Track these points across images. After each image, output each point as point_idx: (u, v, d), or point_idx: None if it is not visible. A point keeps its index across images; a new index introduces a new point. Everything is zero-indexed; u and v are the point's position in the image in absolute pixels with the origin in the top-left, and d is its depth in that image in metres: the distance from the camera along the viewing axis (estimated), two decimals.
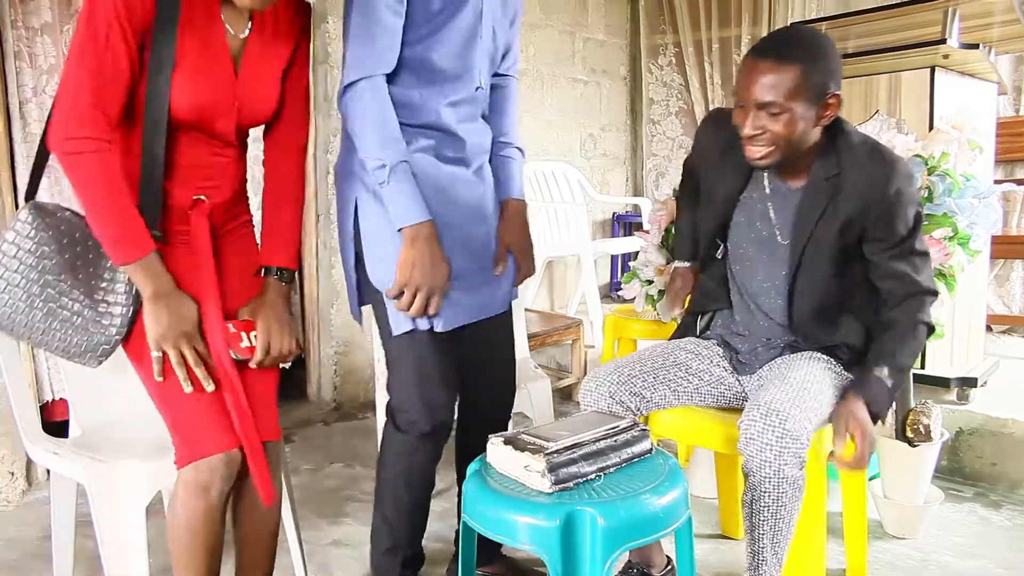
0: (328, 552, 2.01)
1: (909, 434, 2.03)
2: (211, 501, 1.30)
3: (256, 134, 1.51)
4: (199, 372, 1.28)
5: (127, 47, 1.21)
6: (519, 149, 1.70)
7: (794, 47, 1.45)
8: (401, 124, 1.44)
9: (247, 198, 1.51)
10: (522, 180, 1.70)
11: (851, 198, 1.50)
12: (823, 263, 1.56)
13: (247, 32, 1.36)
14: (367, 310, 1.63)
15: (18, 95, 2.35)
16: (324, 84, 3.11)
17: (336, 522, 2.17)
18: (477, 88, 1.55)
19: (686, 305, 1.87)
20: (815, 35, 1.50)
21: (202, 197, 1.36)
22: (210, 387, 1.29)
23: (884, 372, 1.49)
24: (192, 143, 1.33)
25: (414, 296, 1.44)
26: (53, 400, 2.44)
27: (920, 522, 2.06)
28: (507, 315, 1.70)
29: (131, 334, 1.33)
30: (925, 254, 1.55)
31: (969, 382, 2.45)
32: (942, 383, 2.44)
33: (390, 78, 1.44)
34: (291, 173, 1.48)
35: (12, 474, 2.32)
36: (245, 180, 1.48)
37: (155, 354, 1.27)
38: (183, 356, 1.27)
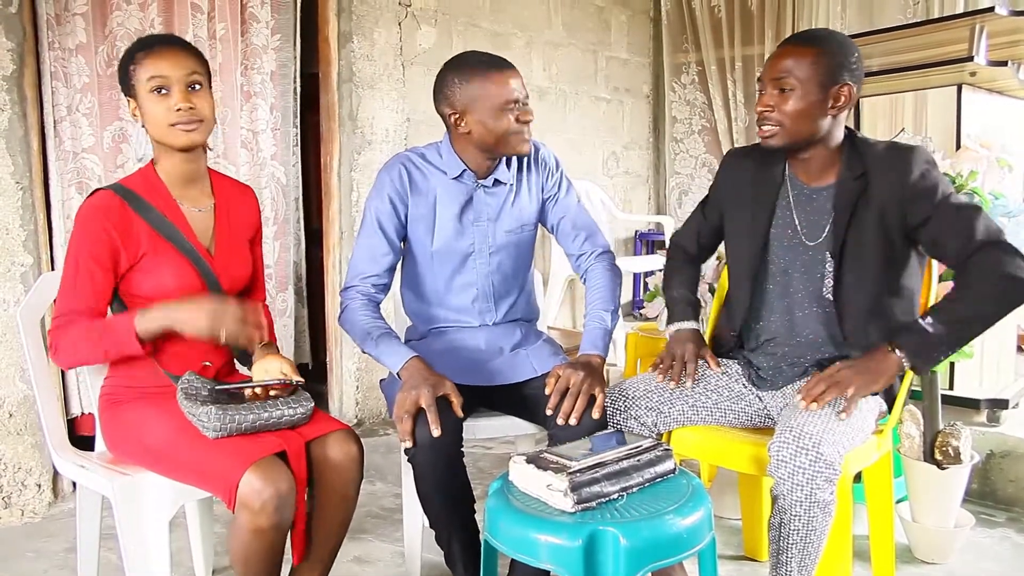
0: (349, 569, 2.01)
1: (938, 456, 2.00)
2: (269, 518, 1.33)
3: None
4: (259, 334, 1.45)
5: (100, 267, 1.45)
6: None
7: (814, 37, 1.59)
8: None
9: None
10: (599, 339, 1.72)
11: (881, 188, 1.53)
12: (869, 260, 1.55)
13: (212, 205, 1.58)
14: None
15: (53, 114, 2.41)
16: (349, 102, 3.15)
17: (357, 538, 2.17)
18: None
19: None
20: (836, 33, 1.61)
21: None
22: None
23: (928, 320, 1.44)
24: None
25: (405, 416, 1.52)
26: (81, 415, 2.48)
27: (950, 547, 2.02)
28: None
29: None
30: (976, 207, 1.50)
31: (1000, 403, 2.40)
32: (972, 404, 2.40)
33: None
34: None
35: (39, 486, 2.35)
36: None
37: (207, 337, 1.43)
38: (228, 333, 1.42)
